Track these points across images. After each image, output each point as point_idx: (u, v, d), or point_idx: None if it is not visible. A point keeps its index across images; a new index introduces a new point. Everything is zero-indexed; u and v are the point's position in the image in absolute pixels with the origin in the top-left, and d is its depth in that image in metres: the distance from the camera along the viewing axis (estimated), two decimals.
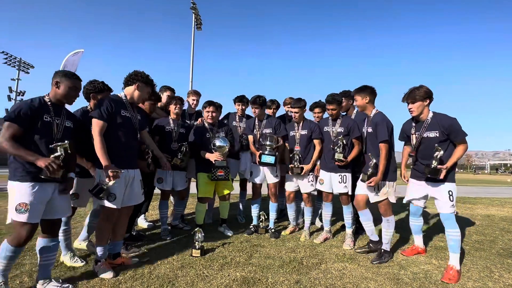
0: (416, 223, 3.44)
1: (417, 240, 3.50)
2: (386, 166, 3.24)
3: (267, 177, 4.21)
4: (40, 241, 2.45)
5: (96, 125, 2.65)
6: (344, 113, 4.34)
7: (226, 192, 4.19)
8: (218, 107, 4.19)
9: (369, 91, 3.42)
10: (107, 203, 2.71)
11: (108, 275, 2.65)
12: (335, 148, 3.69)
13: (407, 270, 3.04)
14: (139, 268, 2.89)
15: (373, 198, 3.31)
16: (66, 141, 2.32)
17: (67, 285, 2.47)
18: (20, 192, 2.20)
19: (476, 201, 8.79)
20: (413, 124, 3.14)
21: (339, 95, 3.85)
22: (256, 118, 4.29)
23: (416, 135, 3.07)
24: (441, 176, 2.85)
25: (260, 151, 3.97)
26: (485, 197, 10.11)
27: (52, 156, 2.26)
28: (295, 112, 4.02)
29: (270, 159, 3.87)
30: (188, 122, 4.55)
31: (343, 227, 4.39)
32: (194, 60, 22.13)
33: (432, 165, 2.90)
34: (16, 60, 32.06)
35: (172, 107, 4.01)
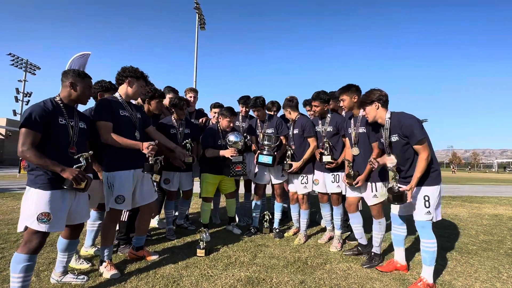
0: (397, 232, 2.98)
1: (397, 253, 3.02)
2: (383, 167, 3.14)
3: (272, 177, 4.18)
4: (61, 240, 2.53)
5: (105, 126, 2.66)
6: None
7: (230, 190, 4.23)
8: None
9: (355, 89, 3.31)
10: (116, 206, 2.75)
11: (113, 275, 2.67)
12: (323, 151, 3.64)
13: (413, 270, 3.00)
14: (144, 268, 2.91)
15: (372, 201, 3.18)
16: (90, 151, 2.35)
17: (83, 276, 2.61)
18: (42, 200, 2.11)
19: (483, 200, 8.68)
20: (381, 129, 2.91)
21: (325, 93, 3.73)
22: (258, 119, 4.27)
23: (383, 141, 2.84)
24: (409, 200, 2.56)
25: (258, 151, 3.95)
26: (492, 196, 9.98)
27: (75, 166, 2.23)
28: (287, 112, 3.97)
29: (268, 159, 3.82)
30: (191, 120, 4.56)
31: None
32: (198, 60, 22.18)
33: (395, 190, 2.60)
34: (22, 61, 32.54)
35: (179, 112, 3.94)
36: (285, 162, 3.88)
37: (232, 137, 3.81)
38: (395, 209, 2.93)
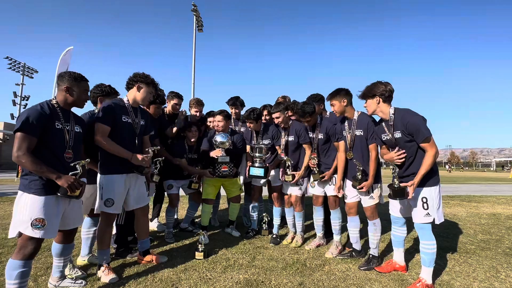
0: (397, 233, 2.97)
1: (397, 254, 3.02)
2: (377, 168, 3.12)
3: (271, 179, 4.14)
4: (55, 245, 2.50)
5: (102, 129, 2.67)
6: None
7: (235, 194, 4.23)
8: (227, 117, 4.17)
9: (344, 93, 3.23)
10: (105, 209, 2.75)
11: (110, 279, 2.66)
12: (311, 174, 3.62)
13: (412, 271, 3.01)
14: (142, 271, 2.90)
15: (367, 202, 3.15)
16: (87, 159, 2.34)
17: (81, 281, 2.60)
18: (36, 206, 2.09)
19: (481, 199, 8.70)
20: (383, 124, 2.85)
21: (309, 105, 3.56)
22: (253, 131, 4.17)
23: (390, 136, 2.76)
24: (410, 196, 2.55)
25: (250, 164, 3.87)
26: (490, 195, 10.01)
27: (71, 173, 2.21)
28: (276, 118, 3.78)
29: (259, 172, 3.74)
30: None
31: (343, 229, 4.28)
32: (196, 62, 22.18)
33: (395, 185, 2.60)
34: (20, 65, 32.44)
35: (190, 135, 4.07)
36: (286, 172, 3.72)
37: (218, 138, 3.82)
38: (395, 211, 2.92)
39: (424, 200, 2.60)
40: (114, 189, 2.74)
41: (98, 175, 2.79)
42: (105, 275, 2.68)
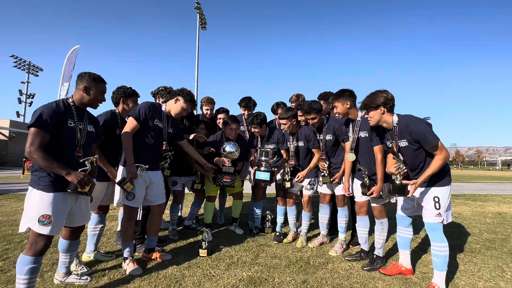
0: (403, 235, 2.90)
1: (403, 256, 2.93)
2: (384, 170, 3.03)
3: (277, 177, 4.08)
4: (61, 241, 2.54)
5: (131, 123, 2.87)
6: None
7: (236, 190, 4.22)
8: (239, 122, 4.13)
9: (347, 95, 3.17)
10: (127, 202, 2.86)
11: (136, 271, 2.76)
12: (321, 177, 3.61)
13: (416, 269, 3.00)
14: (147, 268, 2.93)
15: (376, 201, 3.11)
16: (96, 156, 2.39)
17: (86, 277, 2.64)
18: (44, 202, 2.11)
19: (487, 198, 8.63)
20: (387, 133, 2.78)
21: (316, 103, 3.59)
22: (259, 136, 4.15)
23: (394, 144, 2.70)
24: (409, 194, 2.53)
25: (255, 168, 3.85)
26: (496, 194, 9.92)
27: (80, 170, 2.23)
28: (283, 124, 3.77)
29: (265, 176, 3.73)
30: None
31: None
32: (199, 60, 22.17)
33: (397, 181, 2.57)
34: (25, 63, 32.78)
35: (198, 132, 4.09)
36: (285, 178, 3.74)
37: (227, 147, 3.78)
38: (401, 210, 2.89)
39: (436, 199, 2.53)
40: (135, 184, 2.86)
41: (120, 167, 2.90)
42: (129, 268, 2.79)
